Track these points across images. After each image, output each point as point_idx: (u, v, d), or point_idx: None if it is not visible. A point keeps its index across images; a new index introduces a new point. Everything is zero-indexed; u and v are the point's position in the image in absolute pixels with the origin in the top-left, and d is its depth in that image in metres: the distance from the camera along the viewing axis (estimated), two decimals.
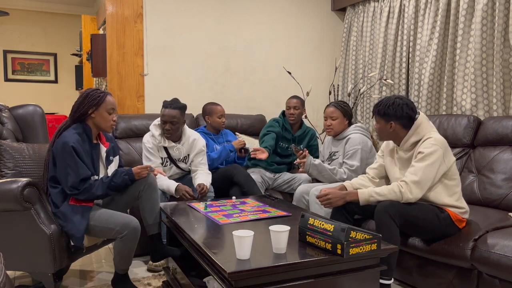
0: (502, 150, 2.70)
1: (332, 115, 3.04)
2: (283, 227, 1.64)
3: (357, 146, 2.93)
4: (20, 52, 6.47)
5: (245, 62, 4.27)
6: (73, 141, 2.20)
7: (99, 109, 2.31)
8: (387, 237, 2.03)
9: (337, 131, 3.06)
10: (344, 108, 3.05)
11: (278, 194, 3.30)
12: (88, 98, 2.30)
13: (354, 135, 2.99)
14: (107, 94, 2.36)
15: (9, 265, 2.22)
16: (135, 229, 2.22)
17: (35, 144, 2.57)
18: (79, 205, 2.22)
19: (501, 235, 2.05)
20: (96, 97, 2.31)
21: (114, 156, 2.52)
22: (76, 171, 2.19)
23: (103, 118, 2.33)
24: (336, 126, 3.04)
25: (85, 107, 2.30)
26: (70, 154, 2.18)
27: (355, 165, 2.90)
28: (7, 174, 2.34)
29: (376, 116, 2.33)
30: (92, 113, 2.31)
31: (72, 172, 2.19)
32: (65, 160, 2.19)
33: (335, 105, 3.07)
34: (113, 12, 3.76)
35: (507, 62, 3.00)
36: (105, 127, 2.35)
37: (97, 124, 2.34)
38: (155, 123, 2.97)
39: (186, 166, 3.04)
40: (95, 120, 2.33)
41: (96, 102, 2.30)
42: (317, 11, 4.55)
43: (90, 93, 2.32)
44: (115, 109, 2.38)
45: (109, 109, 2.34)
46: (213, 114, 3.34)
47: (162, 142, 2.91)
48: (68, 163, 2.19)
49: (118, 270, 2.33)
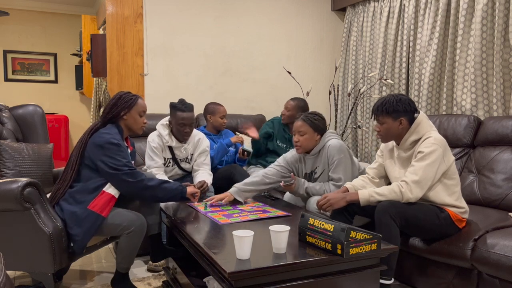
0: (502, 150, 2.70)
1: (300, 130, 2.61)
2: (283, 227, 1.64)
3: (337, 156, 2.57)
4: (20, 52, 6.47)
5: (245, 62, 4.27)
6: (117, 139, 2.24)
7: (131, 112, 2.35)
8: (387, 237, 2.03)
9: (306, 148, 2.63)
10: (314, 123, 2.61)
11: (278, 194, 3.30)
12: (121, 100, 2.33)
13: (331, 142, 2.61)
14: (139, 97, 2.40)
15: (9, 265, 2.22)
16: (142, 225, 2.22)
17: (35, 144, 2.57)
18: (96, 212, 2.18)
19: (501, 235, 2.05)
20: (128, 100, 2.34)
21: (133, 159, 2.54)
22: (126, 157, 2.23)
23: (134, 120, 2.36)
24: (304, 143, 2.61)
25: (118, 109, 2.32)
26: (117, 146, 2.21)
27: (341, 178, 2.57)
28: (6, 174, 2.34)
29: (382, 115, 2.26)
30: (124, 115, 2.34)
31: (121, 158, 2.20)
32: (110, 152, 2.20)
33: (304, 118, 2.63)
34: (113, 12, 3.76)
35: (507, 62, 3.00)
36: (136, 129, 2.39)
37: (129, 126, 2.38)
38: (163, 122, 2.97)
39: (189, 167, 3.04)
40: (127, 122, 2.36)
41: (128, 104, 2.34)
42: (317, 11, 4.55)
43: (123, 95, 2.35)
44: (146, 111, 2.43)
45: (140, 111, 2.38)
46: (216, 113, 3.34)
47: (170, 142, 2.92)
48: (115, 152, 2.20)
49: (120, 268, 2.33)
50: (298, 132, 2.61)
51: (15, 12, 6.10)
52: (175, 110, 2.86)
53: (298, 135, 2.61)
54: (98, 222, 2.18)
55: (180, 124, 2.86)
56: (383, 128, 2.28)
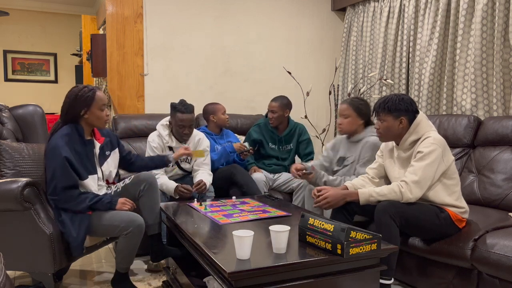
0: (502, 150, 2.70)
1: (344, 113, 2.72)
2: (283, 227, 1.64)
3: (370, 153, 2.62)
4: (20, 52, 6.47)
5: (245, 62, 4.27)
6: (62, 146, 2.16)
7: (91, 109, 2.26)
8: (387, 237, 2.03)
9: (347, 130, 2.73)
10: (358, 107, 2.70)
11: (278, 194, 3.30)
12: (78, 99, 2.24)
13: (371, 139, 2.65)
14: (96, 90, 2.29)
15: (9, 265, 2.22)
16: (140, 226, 2.22)
17: (35, 144, 2.56)
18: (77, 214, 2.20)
19: (501, 235, 2.05)
20: (86, 97, 2.24)
21: (113, 149, 2.50)
22: (61, 179, 2.15)
23: (96, 117, 2.29)
24: (346, 126, 2.71)
25: (76, 109, 2.25)
26: (58, 159, 2.15)
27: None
28: (6, 174, 2.34)
29: (383, 113, 2.26)
30: (85, 114, 2.27)
31: (55, 179, 2.15)
32: (51, 165, 2.17)
33: (349, 101, 2.74)
34: (113, 12, 3.76)
35: (507, 62, 3.00)
36: (98, 124, 2.33)
37: (91, 123, 2.31)
38: (163, 123, 2.97)
39: (189, 167, 3.04)
40: (88, 119, 2.29)
41: (87, 102, 2.25)
42: (317, 11, 4.55)
43: (79, 93, 2.24)
44: (106, 104, 2.33)
45: (101, 105, 2.29)
46: (217, 112, 3.34)
47: (170, 142, 2.92)
48: (54, 168, 2.16)
49: (120, 268, 2.33)
50: (342, 115, 2.73)
51: (15, 12, 6.10)
52: (175, 111, 2.86)
53: (342, 117, 2.73)
54: (85, 220, 2.19)
55: (180, 125, 2.86)
56: (383, 126, 2.28)
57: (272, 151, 3.45)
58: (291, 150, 3.47)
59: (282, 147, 3.46)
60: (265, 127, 3.45)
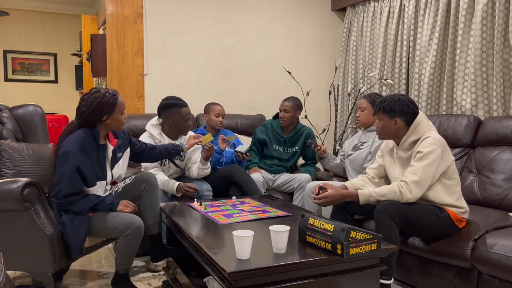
0: (502, 150, 2.70)
1: (361, 106, 2.96)
2: (283, 227, 1.64)
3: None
4: (20, 52, 6.47)
5: (245, 62, 4.27)
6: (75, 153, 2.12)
7: (113, 114, 2.24)
8: (387, 237, 2.03)
9: (364, 122, 2.97)
10: (373, 99, 2.92)
11: (278, 194, 3.30)
12: (102, 105, 2.20)
13: None
14: (117, 94, 2.27)
15: (9, 265, 2.22)
16: (139, 228, 2.22)
17: (35, 144, 2.57)
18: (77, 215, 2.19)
19: (501, 235, 2.05)
20: (110, 103, 2.21)
21: (125, 149, 2.48)
22: (66, 186, 2.13)
23: (116, 121, 2.27)
24: (363, 118, 2.96)
25: (99, 115, 2.22)
26: (68, 167, 2.13)
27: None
28: (6, 174, 2.34)
29: (379, 112, 2.31)
30: (107, 120, 2.24)
31: (61, 185, 2.13)
32: (60, 170, 2.15)
33: (366, 96, 2.99)
34: (113, 12, 3.76)
35: (507, 62, 3.00)
36: (118, 128, 2.32)
37: (110, 127, 2.29)
38: (152, 123, 2.97)
39: (183, 164, 3.05)
40: (109, 124, 2.27)
41: (110, 108, 2.22)
42: (317, 11, 4.55)
43: (103, 100, 2.20)
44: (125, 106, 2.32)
45: (122, 110, 2.28)
46: (210, 112, 3.34)
47: (162, 140, 2.92)
48: (62, 174, 2.14)
49: (119, 269, 2.33)
50: (360, 108, 2.98)
51: (15, 12, 6.10)
52: (179, 107, 2.88)
53: (359, 111, 2.98)
54: (85, 223, 2.19)
55: (186, 119, 2.91)
56: (379, 124, 2.33)
57: (276, 152, 3.45)
58: (296, 153, 3.49)
59: (287, 149, 3.46)
60: (271, 128, 3.47)
